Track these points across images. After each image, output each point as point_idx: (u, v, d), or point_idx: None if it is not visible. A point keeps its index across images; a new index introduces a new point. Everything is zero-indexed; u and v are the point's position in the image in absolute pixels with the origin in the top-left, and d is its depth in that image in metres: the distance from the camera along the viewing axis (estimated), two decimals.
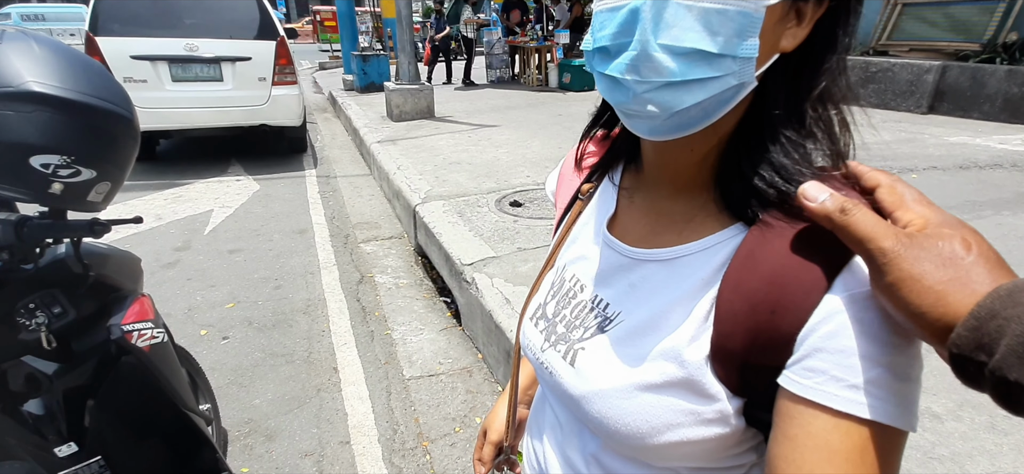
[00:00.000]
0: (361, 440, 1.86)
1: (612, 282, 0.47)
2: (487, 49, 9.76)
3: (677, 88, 0.36)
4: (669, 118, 0.37)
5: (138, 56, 4.41)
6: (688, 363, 0.39)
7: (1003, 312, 0.28)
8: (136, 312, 1.08)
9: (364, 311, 2.68)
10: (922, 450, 1.35)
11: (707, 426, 0.39)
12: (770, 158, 0.39)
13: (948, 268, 0.30)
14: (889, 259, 0.31)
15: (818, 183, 0.35)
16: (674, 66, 0.35)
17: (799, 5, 0.36)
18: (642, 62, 0.36)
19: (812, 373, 0.34)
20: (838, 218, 0.33)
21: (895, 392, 0.33)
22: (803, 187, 0.36)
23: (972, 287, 0.29)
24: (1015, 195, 3.16)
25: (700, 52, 0.34)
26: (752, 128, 0.40)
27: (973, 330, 0.28)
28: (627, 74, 0.36)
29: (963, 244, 0.31)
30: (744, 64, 0.35)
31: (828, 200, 0.34)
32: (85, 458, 1.01)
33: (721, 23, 0.34)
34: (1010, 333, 0.27)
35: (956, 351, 0.29)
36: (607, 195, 0.53)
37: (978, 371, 0.29)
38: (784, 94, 0.39)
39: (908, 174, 3.58)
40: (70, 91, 0.77)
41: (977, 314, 0.28)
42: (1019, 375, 0.27)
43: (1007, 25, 5.20)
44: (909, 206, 0.34)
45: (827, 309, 0.34)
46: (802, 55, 0.38)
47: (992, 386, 0.28)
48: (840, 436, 0.33)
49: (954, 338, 0.29)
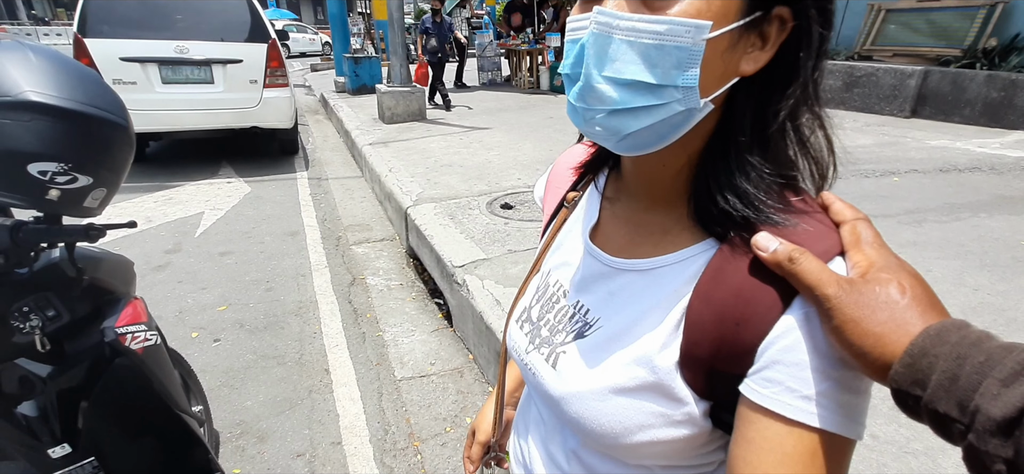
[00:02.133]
0: (353, 441, 1.87)
1: (593, 289, 0.50)
2: (479, 52, 9.80)
3: (622, 115, 0.39)
4: (621, 140, 0.40)
5: (127, 58, 4.39)
6: (659, 368, 0.42)
7: (933, 350, 0.31)
8: (129, 315, 1.10)
9: (356, 313, 2.70)
10: (897, 445, 1.39)
11: (676, 427, 0.42)
12: (733, 181, 0.40)
13: (884, 311, 0.33)
14: (832, 305, 0.34)
15: (767, 234, 0.38)
16: (616, 96, 0.38)
17: (762, 28, 0.38)
18: (587, 92, 0.39)
19: (769, 383, 0.37)
20: (787, 265, 0.36)
21: (843, 404, 0.36)
22: (755, 238, 0.38)
23: (906, 328, 0.32)
24: (992, 198, 3.24)
25: (641, 82, 0.37)
26: (721, 147, 0.41)
27: (908, 367, 0.31)
28: (578, 102, 0.40)
29: (899, 288, 0.34)
30: (687, 92, 0.37)
31: (779, 249, 0.37)
32: (78, 459, 1.03)
33: (660, 56, 0.36)
34: (938, 370, 0.30)
35: (895, 386, 0.32)
36: (591, 203, 0.55)
37: (916, 404, 0.31)
38: (749, 116, 0.40)
39: (890, 177, 3.66)
40: (67, 100, 0.79)
41: (911, 352, 0.31)
42: (948, 408, 0.30)
43: (987, 31, 5.33)
44: (861, 248, 0.37)
45: (785, 325, 0.37)
46: (768, 77, 0.39)
47: (927, 417, 0.31)
48: (793, 441, 0.36)
49: (893, 374, 0.32)
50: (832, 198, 0.41)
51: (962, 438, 0.29)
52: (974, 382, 0.29)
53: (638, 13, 0.36)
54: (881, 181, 3.57)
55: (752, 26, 0.37)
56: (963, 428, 0.29)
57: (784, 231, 0.39)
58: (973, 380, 0.29)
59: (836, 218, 0.40)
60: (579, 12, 0.41)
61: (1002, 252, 2.51)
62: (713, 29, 0.35)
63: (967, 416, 0.29)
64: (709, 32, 0.35)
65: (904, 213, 2.99)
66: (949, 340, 0.31)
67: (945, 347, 0.30)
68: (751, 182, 0.40)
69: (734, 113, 0.40)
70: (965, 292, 2.17)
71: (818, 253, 0.37)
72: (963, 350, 0.30)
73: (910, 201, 3.18)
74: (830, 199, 0.41)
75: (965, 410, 0.29)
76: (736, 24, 0.36)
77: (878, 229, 0.39)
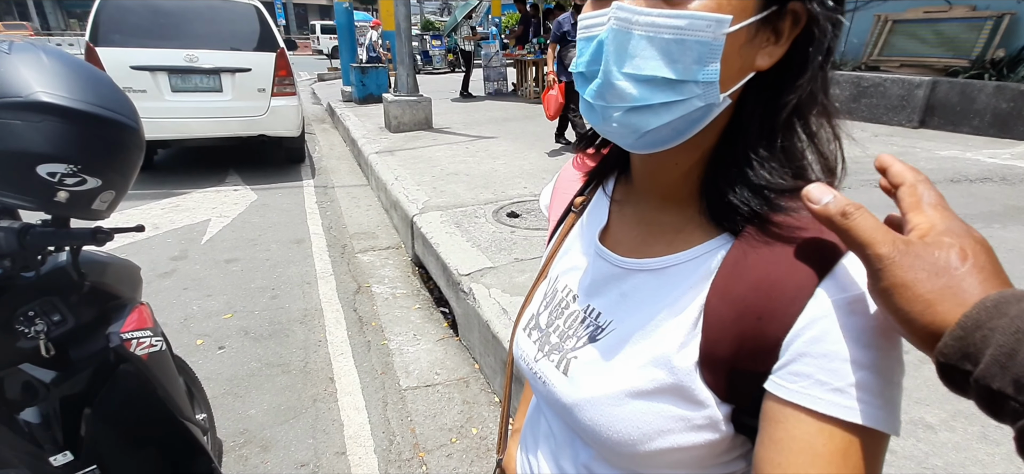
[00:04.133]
0: (357, 451, 1.85)
1: (604, 292, 0.48)
2: (485, 62, 9.87)
3: (642, 112, 0.38)
4: (640, 137, 0.39)
5: (138, 67, 4.44)
6: (677, 369, 0.40)
7: (989, 323, 0.28)
8: (135, 320, 1.09)
9: (361, 321, 2.68)
10: (916, 460, 1.36)
11: (697, 432, 0.40)
12: (746, 175, 0.40)
13: (941, 277, 0.31)
14: (884, 265, 0.32)
15: (823, 185, 0.35)
16: (636, 92, 0.37)
17: (776, 24, 0.37)
18: (607, 90, 0.38)
19: (797, 377, 0.35)
20: (839, 221, 0.34)
21: (878, 396, 0.34)
22: (808, 188, 0.35)
23: (962, 297, 0.30)
24: (1005, 208, 3.20)
25: (661, 78, 0.36)
26: (731, 143, 0.41)
27: (959, 340, 0.29)
28: (596, 100, 0.39)
29: (960, 254, 0.31)
30: (707, 87, 0.37)
31: (831, 202, 0.34)
32: (80, 467, 1.01)
33: (680, 52, 0.35)
34: (994, 344, 0.28)
35: (943, 360, 0.30)
36: (599, 207, 0.54)
37: (964, 379, 0.29)
38: (761, 111, 0.40)
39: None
40: (77, 101, 0.78)
41: (964, 324, 0.29)
42: (1002, 385, 0.27)
43: (995, 42, 5.31)
44: (923, 209, 0.34)
45: (811, 314, 0.35)
46: (780, 72, 0.39)
47: (977, 394, 0.29)
48: (824, 439, 0.34)
49: (941, 347, 0.30)
50: (890, 159, 0.38)
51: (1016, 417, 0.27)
52: None
53: (657, 8, 0.36)
54: None
55: (767, 21, 0.37)
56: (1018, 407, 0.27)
57: (799, 220, 0.38)
58: None
59: (895, 180, 0.37)
60: (594, 8, 0.40)
61: (1018, 263, 2.47)
62: (732, 23, 0.35)
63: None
64: (729, 26, 0.35)
65: None
66: (1008, 313, 0.28)
67: (1003, 320, 0.28)
68: (764, 175, 0.40)
69: (746, 108, 0.40)
70: None
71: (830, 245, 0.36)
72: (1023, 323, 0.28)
73: None
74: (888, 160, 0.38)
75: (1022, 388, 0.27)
76: (753, 18, 0.36)
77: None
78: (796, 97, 0.39)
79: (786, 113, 0.40)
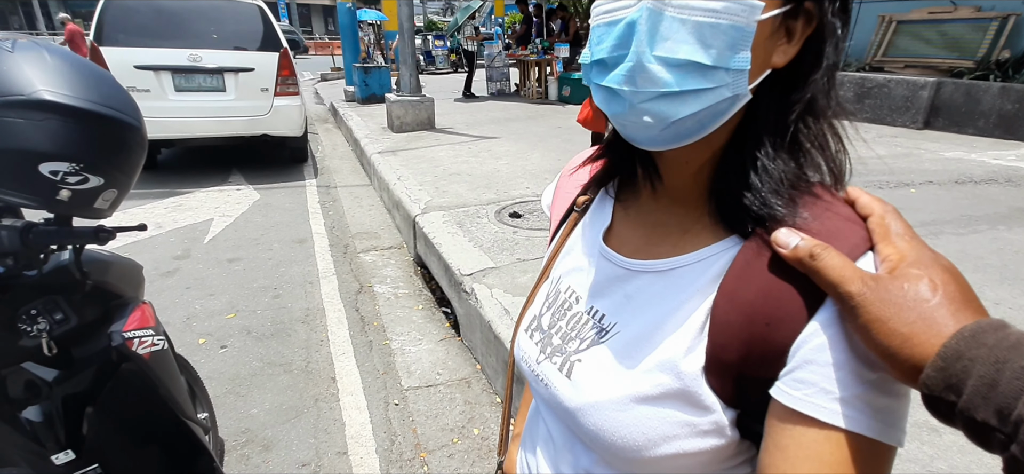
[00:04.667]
0: (358, 450, 1.85)
1: (608, 293, 0.47)
2: (487, 62, 9.87)
3: (672, 99, 0.36)
4: (665, 128, 0.38)
5: (142, 66, 4.45)
6: (684, 374, 0.40)
7: (967, 353, 0.28)
8: (137, 319, 1.09)
9: (363, 321, 2.68)
10: (920, 463, 1.35)
11: (702, 437, 0.40)
12: (757, 177, 0.39)
13: (913, 310, 0.31)
14: (856, 303, 0.32)
15: (787, 230, 0.37)
16: (669, 77, 0.36)
17: (789, 23, 0.37)
18: (638, 73, 0.36)
19: (802, 385, 0.35)
20: (808, 263, 0.35)
21: (881, 407, 0.33)
22: (775, 234, 0.37)
23: (937, 328, 0.30)
24: (1010, 210, 3.18)
25: (694, 64, 0.35)
26: (742, 143, 0.40)
27: (940, 371, 0.29)
28: (624, 85, 0.37)
29: (929, 286, 0.32)
30: (737, 76, 0.36)
31: (800, 245, 0.35)
32: (82, 466, 1.01)
33: (714, 36, 0.35)
34: (975, 374, 0.28)
35: (926, 392, 0.30)
36: (603, 207, 0.53)
37: (950, 410, 0.29)
38: (773, 110, 0.39)
39: (905, 188, 3.61)
40: (80, 99, 0.78)
41: (943, 355, 0.29)
42: (986, 416, 0.27)
43: (1000, 43, 5.28)
44: (892, 240, 0.35)
45: (819, 323, 0.35)
46: (792, 72, 0.39)
47: (963, 425, 0.29)
48: (830, 448, 0.34)
49: (924, 379, 0.30)
50: (858, 192, 0.40)
51: (1003, 448, 0.27)
52: (1016, 388, 0.27)
53: None
54: (895, 192, 3.52)
55: (784, 19, 0.37)
56: (1004, 438, 0.27)
57: (809, 227, 0.37)
58: (1014, 386, 0.27)
59: (863, 211, 0.38)
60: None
61: (1022, 265, 2.45)
62: (764, 10, 0.35)
63: (1009, 425, 0.26)
64: (761, 13, 0.35)
65: (920, 225, 2.93)
66: (986, 342, 0.28)
67: (982, 350, 0.28)
68: (775, 177, 0.39)
69: (758, 109, 0.40)
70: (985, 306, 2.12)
71: (845, 250, 0.35)
72: (1002, 353, 0.28)
73: (926, 213, 3.12)
74: (856, 193, 0.40)
75: (1006, 419, 0.27)
76: (779, 10, 0.36)
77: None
78: (807, 96, 0.39)
79: (797, 112, 0.39)
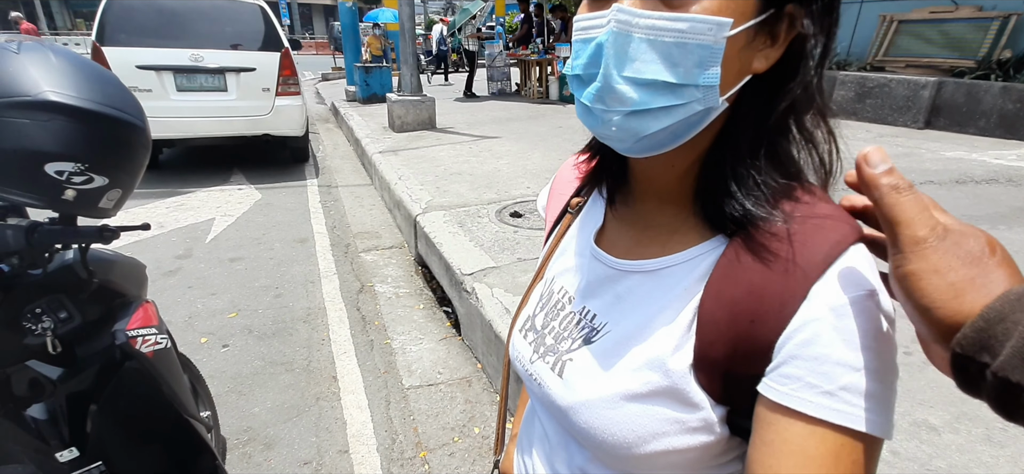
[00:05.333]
0: (360, 449, 1.85)
1: (599, 293, 0.48)
2: (488, 62, 9.87)
3: (641, 116, 0.37)
4: (638, 141, 0.39)
5: (143, 66, 4.46)
6: (672, 372, 0.40)
7: (1012, 315, 0.28)
8: (140, 318, 1.10)
9: (364, 320, 2.69)
10: (919, 462, 1.35)
11: (692, 434, 0.40)
12: (742, 178, 0.40)
13: (972, 267, 0.30)
14: (920, 248, 0.31)
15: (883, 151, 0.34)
16: (636, 96, 0.37)
17: (773, 27, 0.37)
18: (606, 93, 0.38)
19: (788, 379, 0.35)
20: (888, 193, 0.32)
21: (868, 399, 0.34)
22: (867, 150, 0.34)
23: (988, 288, 0.30)
24: (1011, 209, 3.18)
25: (662, 82, 0.36)
26: (726, 145, 0.41)
27: (980, 331, 0.29)
28: (595, 103, 0.38)
29: (989, 247, 0.31)
30: (707, 91, 0.36)
31: (886, 172, 0.33)
32: (86, 463, 1.02)
33: (681, 55, 0.35)
34: (1016, 336, 0.27)
35: (959, 351, 0.29)
36: (595, 209, 0.54)
37: (978, 373, 0.29)
38: (756, 114, 0.40)
39: None
40: (85, 100, 0.79)
41: (986, 315, 0.29)
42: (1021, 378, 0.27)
43: (1001, 42, 5.27)
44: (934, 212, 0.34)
45: (804, 317, 0.35)
46: (776, 74, 0.39)
47: (992, 388, 0.29)
48: (815, 442, 0.34)
49: (960, 338, 0.29)
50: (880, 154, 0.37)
51: None
52: None
53: (658, 11, 0.35)
54: None
55: (764, 24, 0.37)
56: None
57: (791, 228, 0.38)
58: None
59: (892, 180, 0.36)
60: (590, 10, 0.39)
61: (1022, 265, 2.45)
62: (733, 27, 0.35)
63: None
64: (730, 30, 0.35)
65: None
66: None
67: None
68: (760, 178, 0.40)
69: (742, 111, 0.40)
70: None
71: (826, 247, 0.36)
72: None
73: None
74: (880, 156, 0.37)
75: None
76: (753, 22, 0.36)
77: None
78: (791, 98, 0.39)
79: (781, 114, 0.40)
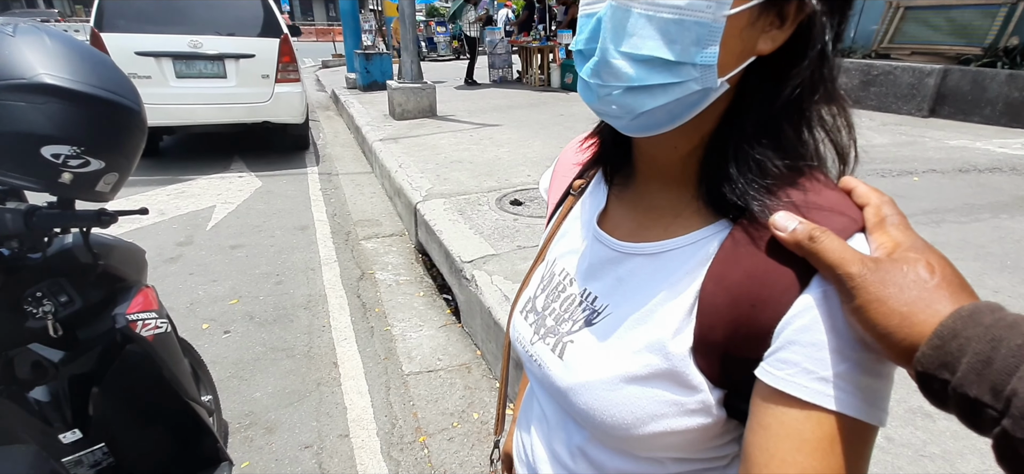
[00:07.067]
0: (360, 433, 1.88)
1: (601, 275, 0.48)
2: (490, 49, 9.78)
3: (638, 92, 0.37)
4: (634, 119, 0.39)
5: (143, 52, 4.44)
6: (672, 355, 0.40)
7: (964, 332, 0.29)
8: (141, 302, 1.10)
9: (364, 307, 2.70)
10: (913, 447, 1.36)
11: (690, 416, 0.41)
12: (746, 162, 0.40)
13: (912, 291, 0.32)
14: (856, 283, 0.33)
15: (786, 213, 0.37)
16: (632, 72, 0.37)
17: (782, 7, 0.36)
18: (603, 68, 0.38)
19: (785, 365, 0.35)
20: (807, 245, 0.35)
21: (863, 387, 0.34)
22: (773, 218, 0.37)
23: (935, 309, 0.31)
24: (1013, 199, 3.16)
25: (659, 59, 0.36)
26: (730, 128, 0.41)
27: (936, 349, 0.30)
28: (592, 78, 0.39)
29: (927, 268, 0.32)
30: (705, 71, 0.36)
31: (798, 228, 0.36)
32: (89, 444, 1.03)
33: (679, 32, 0.35)
34: (970, 352, 0.29)
35: (921, 369, 0.31)
36: (598, 191, 0.54)
37: (942, 389, 0.30)
38: (761, 98, 0.39)
39: (908, 177, 3.59)
40: (81, 83, 0.79)
41: (940, 333, 0.30)
42: (979, 392, 0.28)
43: (1008, 30, 5.20)
44: (886, 229, 0.36)
45: (803, 304, 0.35)
46: (784, 57, 0.38)
47: (955, 404, 0.30)
48: (811, 426, 0.34)
49: (919, 357, 0.31)
50: (854, 181, 0.40)
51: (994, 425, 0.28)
52: (1011, 365, 0.27)
53: None
54: (899, 181, 3.50)
55: (772, 3, 0.36)
56: (996, 414, 0.28)
57: (800, 211, 0.38)
58: (1009, 363, 0.27)
59: (859, 200, 0.39)
60: None
61: (1022, 261, 2.44)
62: (734, 5, 0.34)
63: (1001, 401, 0.27)
64: (729, 8, 0.34)
65: (922, 213, 2.92)
66: (982, 322, 0.29)
67: (978, 329, 0.29)
68: (764, 163, 0.39)
69: (748, 94, 0.39)
70: (985, 294, 2.08)
71: (836, 231, 0.36)
72: (999, 332, 0.28)
73: (928, 201, 3.11)
74: (852, 182, 0.40)
75: (999, 395, 0.27)
76: (756, 1, 0.35)
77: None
78: (798, 83, 0.38)
79: (787, 99, 0.39)
